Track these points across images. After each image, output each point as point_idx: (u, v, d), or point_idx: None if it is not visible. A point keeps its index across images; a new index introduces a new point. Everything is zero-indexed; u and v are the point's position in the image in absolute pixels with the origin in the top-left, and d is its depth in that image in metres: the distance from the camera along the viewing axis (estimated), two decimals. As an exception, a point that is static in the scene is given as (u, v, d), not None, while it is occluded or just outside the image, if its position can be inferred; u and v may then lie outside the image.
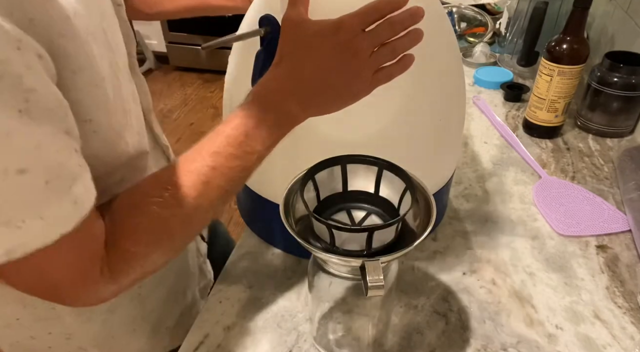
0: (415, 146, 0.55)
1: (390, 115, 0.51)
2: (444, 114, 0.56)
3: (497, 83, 1.02)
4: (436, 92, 0.54)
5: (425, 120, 0.54)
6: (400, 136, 0.53)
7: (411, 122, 0.53)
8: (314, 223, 0.40)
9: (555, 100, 0.82)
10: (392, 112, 0.51)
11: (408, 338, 0.52)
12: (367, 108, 0.50)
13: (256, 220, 0.66)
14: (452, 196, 0.72)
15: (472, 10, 1.27)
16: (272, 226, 0.63)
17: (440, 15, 0.54)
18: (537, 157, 0.80)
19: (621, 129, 0.86)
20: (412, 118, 0.53)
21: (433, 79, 0.53)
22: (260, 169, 0.43)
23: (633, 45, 0.89)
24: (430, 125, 0.55)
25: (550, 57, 0.80)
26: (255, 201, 0.61)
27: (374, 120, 0.51)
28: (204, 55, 2.74)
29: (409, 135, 0.54)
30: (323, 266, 0.44)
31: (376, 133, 0.51)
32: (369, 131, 0.51)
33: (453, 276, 0.59)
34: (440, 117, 0.56)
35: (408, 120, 0.52)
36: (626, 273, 0.59)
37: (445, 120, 0.57)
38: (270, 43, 0.47)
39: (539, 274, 0.59)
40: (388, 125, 0.51)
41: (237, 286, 0.58)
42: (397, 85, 0.49)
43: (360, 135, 0.51)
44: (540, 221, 0.68)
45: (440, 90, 0.54)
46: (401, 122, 0.52)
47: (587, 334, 0.52)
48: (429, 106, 0.54)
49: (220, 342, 0.52)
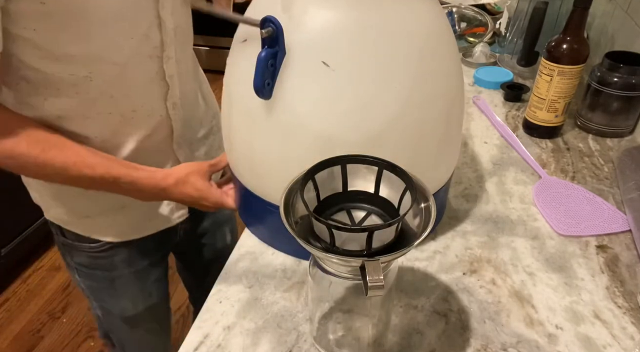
0: (415, 146, 0.55)
1: (389, 115, 0.51)
2: (443, 114, 0.56)
3: (497, 83, 1.02)
4: (435, 92, 0.54)
5: (424, 121, 0.54)
6: (398, 137, 0.53)
7: (410, 122, 0.53)
8: (314, 223, 0.40)
9: (555, 100, 0.82)
10: (390, 113, 0.51)
11: (408, 338, 0.52)
12: (366, 108, 0.50)
13: (255, 222, 0.66)
14: (452, 196, 0.72)
15: (472, 10, 1.27)
16: (272, 228, 0.63)
17: (438, 15, 0.54)
18: (537, 157, 0.80)
19: (621, 129, 0.86)
20: (410, 118, 0.53)
21: (432, 79, 0.53)
22: (259, 170, 0.44)
23: (633, 45, 0.89)
24: (429, 126, 0.55)
25: (550, 57, 0.80)
26: (254, 202, 0.61)
27: (372, 120, 0.51)
28: (204, 56, 2.74)
29: (408, 135, 0.54)
30: (323, 266, 0.44)
31: (374, 133, 0.51)
32: (367, 131, 0.51)
33: (453, 276, 0.59)
34: (440, 118, 0.56)
35: (406, 120, 0.52)
36: (626, 273, 0.59)
37: (444, 120, 0.57)
38: (273, 44, 0.47)
39: (539, 274, 0.59)
40: (386, 126, 0.51)
41: (237, 286, 0.58)
42: (395, 86, 0.49)
43: (358, 135, 0.51)
44: (540, 221, 0.68)
45: (439, 91, 0.54)
46: (399, 122, 0.52)
47: (587, 334, 0.52)
48: (427, 106, 0.54)
49: (220, 342, 0.52)
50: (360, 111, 0.50)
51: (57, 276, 1.72)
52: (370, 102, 0.49)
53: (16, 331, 1.55)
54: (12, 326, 1.57)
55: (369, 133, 0.51)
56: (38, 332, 1.55)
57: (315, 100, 0.50)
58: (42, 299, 1.66)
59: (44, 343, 1.52)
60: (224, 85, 0.59)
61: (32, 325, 1.57)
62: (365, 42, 0.49)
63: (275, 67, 0.49)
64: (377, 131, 0.51)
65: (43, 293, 1.68)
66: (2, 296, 1.66)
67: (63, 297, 1.66)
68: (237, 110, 0.57)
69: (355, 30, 0.49)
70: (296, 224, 0.42)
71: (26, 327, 1.57)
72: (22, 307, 1.63)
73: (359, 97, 0.50)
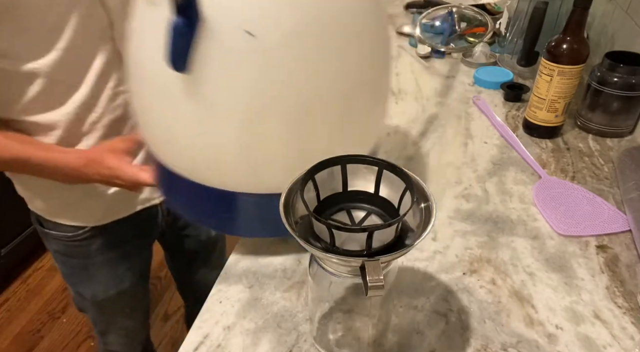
0: (343, 113, 0.51)
1: (316, 84, 0.48)
2: (370, 80, 0.53)
3: (497, 83, 1.02)
4: (362, 60, 0.50)
5: (352, 87, 0.50)
6: (325, 107, 0.50)
7: (337, 91, 0.50)
8: (314, 223, 0.40)
9: (555, 100, 0.82)
10: (317, 82, 0.48)
11: (408, 338, 0.52)
12: (292, 78, 0.47)
13: (172, 196, 0.63)
14: (452, 196, 0.72)
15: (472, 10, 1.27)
16: (191, 202, 0.59)
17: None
18: (537, 157, 0.80)
19: (621, 129, 0.86)
20: (339, 86, 0.49)
21: (358, 44, 0.50)
22: (177, 146, 0.45)
23: (633, 45, 0.89)
24: (356, 92, 0.51)
25: (550, 57, 0.80)
26: (171, 178, 0.57)
27: (299, 90, 0.47)
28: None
29: (335, 104, 0.50)
30: (323, 266, 0.44)
31: (302, 105, 0.48)
32: (295, 103, 0.48)
33: (453, 276, 0.59)
34: (366, 83, 0.52)
35: (334, 89, 0.49)
36: (626, 273, 0.59)
37: (371, 86, 0.53)
38: (187, 9, 0.41)
39: (539, 274, 0.59)
40: (314, 95, 0.48)
41: (237, 286, 0.58)
42: (322, 54, 0.46)
43: (285, 106, 0.48)
44: (540, 221, 0.68)
45: (365, 59, 0.51)
46: (326, 92, 0.49)
47: (587, 334, 0.52)
48: (355, 73, 0.50)
49: (220, 342, 0.52)
50: (286, 82, 0.46)
51: (57, 276, 1.72)
52: (296, 71, 0.45)
53: (16, 331, 1.56)
54: (12, 326, 1.57)
55: (297, 105, 0.48)
56: (38, 332, 1.55)
57: (237, 72, 0.46)
58: (42, 299, 1.66)
59: (44, 343, 1.52)
60: (125, 54, 0.53)
61: (32, 325, 1.58)
62: (290, 7, 0.45)
63: (191, 36, 0.43)
64: (304, 101, 0.48)
65: (43, 293, 1.68)
66: (2, 296, 1.66)
67: (63, 297, 1.66)
68: (148, 84, 0.51)
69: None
70: (296, 224, 0.42)
71: (26, 327, 1.57)
72: (22, 307, 1.63)
73: (284, 66, 0.46)
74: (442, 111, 0.96)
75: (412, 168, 0.79)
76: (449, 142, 0.86)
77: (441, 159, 0.81)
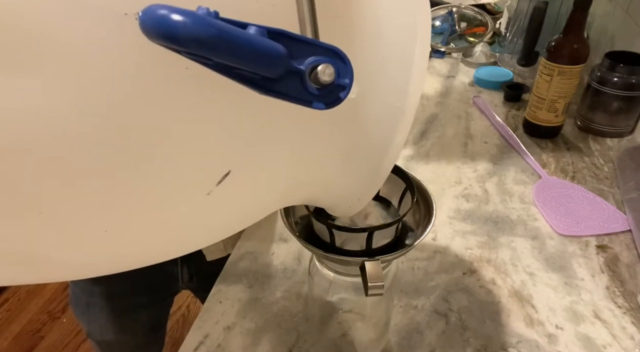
0: None
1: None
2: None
3: (497, 83, 1.02)
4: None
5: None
6: None
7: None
8: (314, 223, 0.40)
9: (555, 100, 0.82)
10: None
11: (408, 338, 0.52)
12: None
13: None
14: (452, 195, 0.72)
15: (472, 10, 1.27)
16: None
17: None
18: (537, 157, 0.80)
19: (621, 129, 0.86)
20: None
21: None
22: None
23: (633, 45, 0.89)
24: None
25: (550, 57, 0.80)
26: None
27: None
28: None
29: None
30: (323, 266, 0.44)
31: None
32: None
33: (453, 276, 0.59)
34: None
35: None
36: (626, 273, 0.59)
37: None
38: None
39: (539, 274, 0.59)
40: None
41: (237, 286, 0.58)
42: None
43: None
44: (540, 220, 0.68)
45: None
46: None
47: (587, 334, 0.52)
48: None
49: (220, 342, 0.52)
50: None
51: (57, 276, 1.72)
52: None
53: (16, 331, 1.56)
54: (12, 326, 1.57)
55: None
56: (38, 332, 1.55)
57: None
58: (42, 299, 1.66)
59: (44, 343, 1.52)
60: None
61: (32, 325, 1.58)
62: None
63: None
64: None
65: (43, 293, 1.68)
66: (2, 296, 1.66)
67: (63, 297, 1.66)
68: None
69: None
70: (296, 224, 0.42)
71: (26, 327, 1.57)
72: (22, 307, 1.63)
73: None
74: (442, 111, 0.96)
75: (412, 168, 0.79)
76: (449, 142, 0.86)
77: (441, 159, 0.81)
